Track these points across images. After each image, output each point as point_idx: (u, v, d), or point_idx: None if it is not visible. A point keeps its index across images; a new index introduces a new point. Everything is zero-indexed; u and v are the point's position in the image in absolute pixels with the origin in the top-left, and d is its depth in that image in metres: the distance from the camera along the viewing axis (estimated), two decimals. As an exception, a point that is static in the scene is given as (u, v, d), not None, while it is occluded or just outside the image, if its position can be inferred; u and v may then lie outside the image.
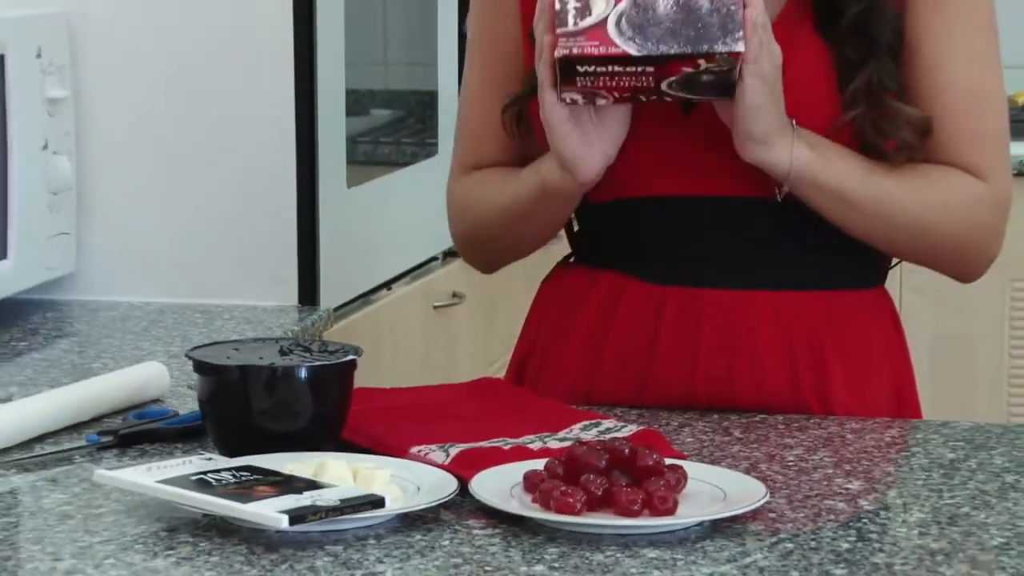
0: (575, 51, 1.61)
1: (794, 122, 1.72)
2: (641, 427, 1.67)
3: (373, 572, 1.33)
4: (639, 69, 1.62)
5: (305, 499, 1.38)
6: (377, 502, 1.39)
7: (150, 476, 1.45)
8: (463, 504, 1.46)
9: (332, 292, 2.39)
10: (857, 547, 1.41)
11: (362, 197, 2.51)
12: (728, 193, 1.80)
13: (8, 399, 1.79)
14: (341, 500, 1.39)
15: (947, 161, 1.82)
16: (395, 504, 1.42)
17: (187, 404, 1.69)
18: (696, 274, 1.82)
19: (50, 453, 1.65)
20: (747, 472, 1.55)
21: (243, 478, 1.45)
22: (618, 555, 1.36)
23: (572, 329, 1.85)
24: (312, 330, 2.23)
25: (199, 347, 1.65)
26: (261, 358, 1.61)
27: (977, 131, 1.83)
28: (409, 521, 1.43)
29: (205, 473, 1.45)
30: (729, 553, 1.38)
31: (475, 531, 1.42)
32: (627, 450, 1.47)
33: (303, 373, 1.59)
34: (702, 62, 1.61)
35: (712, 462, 1.58)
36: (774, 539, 1.41)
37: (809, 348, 1.83)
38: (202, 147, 2.38)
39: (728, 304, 1.82)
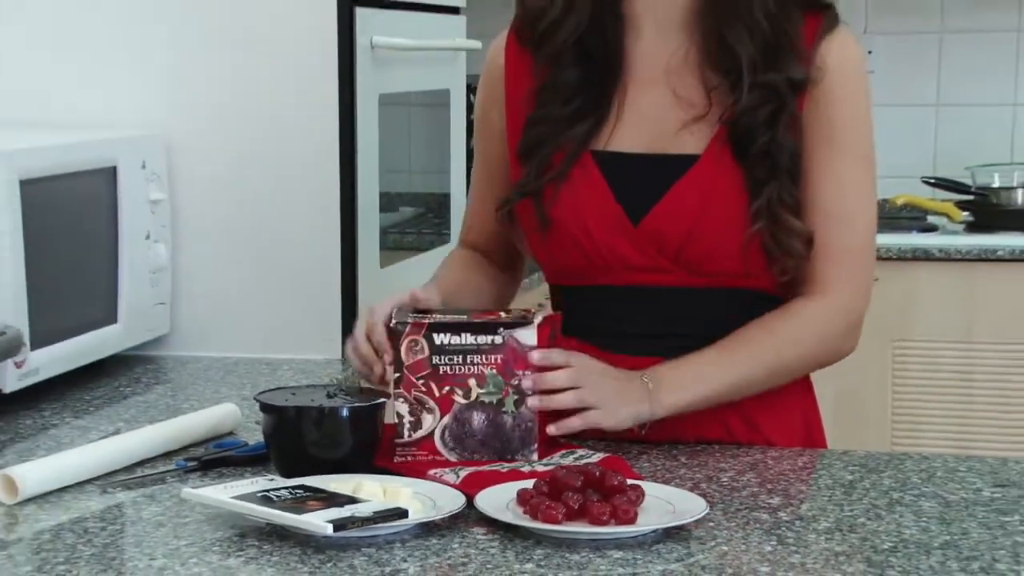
0: (410, 459, 1.63)
1: (642, 377, 1.70)
2: (607, 455, 1.66)
3: (399, 569, 1.34)
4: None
5: (346, 511, 1.39)
6: (402, 513, 1.40)
7: (225, 493, 1.46)
8: (469, 515, 1.46)
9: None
10: (777, 549, 1.41)
11: (391, 275, 2.51)
12: (676, 284, 1.76)
13: (116, 432, 1.79)
14: (374, 512, 1.40)
15: (814, 266, 1.77)
16: (416, 515, 1.43)
17: (255, 436, 1.70)
18: (645, 346, 1.79)
19: (148, 475, 1.65)
20: (691, 490, 1.55)
21: (297, 495, 1.45)
22: (591, 555, 1.37)
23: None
24: (351, 379, 2.21)
25: (264, 392, 1.66)
26: (312, 400, 1.62)
27: (837, 248, 1.77)
28: (427, 529, 1.43)
29: (268, 491, 1.46)
30: (677, 554, 1.38)
31: (479, 536, 1.43)
32: (597, 473, 1.48)
33: (344, 412, 1.61)
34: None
35: (663, 482, 1.58)
36: (713, 543, 1.42)
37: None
38: (266, 237, 2.38)
39: None
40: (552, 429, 1.65)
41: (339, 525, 1.37)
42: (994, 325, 3.84)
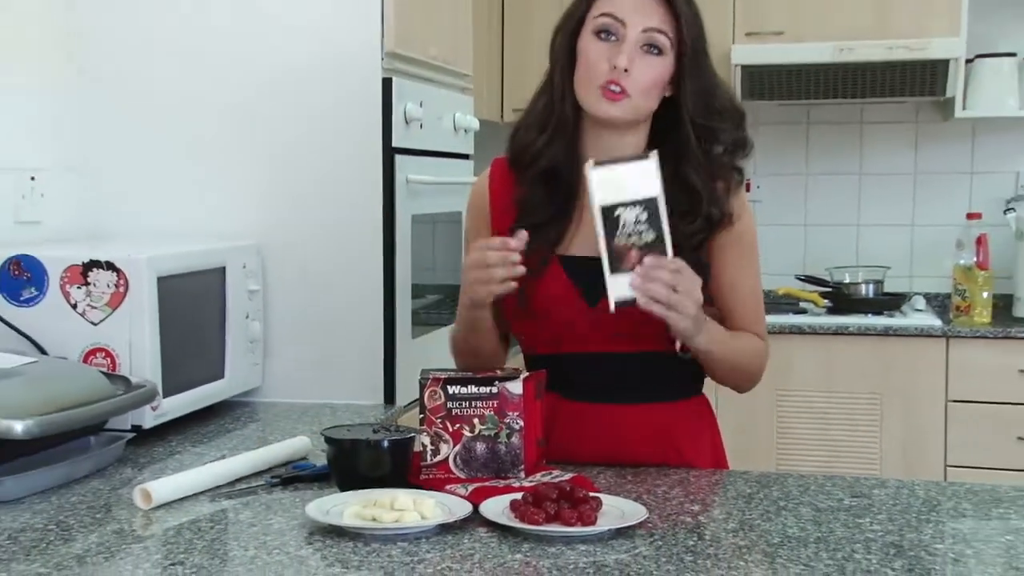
0: (431, 477, 1.61)
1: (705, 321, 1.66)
2: (575, 475, 1.65)
3: (424, 558, 1.33)
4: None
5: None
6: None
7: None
8: (475, 519, 1.45)
9: (403, 395, 2.37)
10: (698, 544, 1.40)
11: (420, 344, 2.50)
12: (622, 351, 1.74)
13: (222, 457, 1.78)
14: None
15: (743, 330, 1.79)
16: (436, 519, 1.42)
17: (321, 460, 1.68)
18: (601, 394, 1.78)
19: (244, 488, 1.64)
20: (635, 500, 1.53)
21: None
22: (563, 548, 1.36)
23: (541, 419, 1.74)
24: (391, 418, 2.22)
25: (328, 428, 1.64)
26: (363, 435, 1.60)
27: (756, 314, 1.81)
28: (444, 528, 1.42)
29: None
30: (626, 546, 1.38)
31: (482, 534, 1.41)
32: (568, 487, 1.46)
33: (385, 444, 1.59)
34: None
35: (615, 494, 1.56)
36: (651, 539, 1.40)
37: (669, 433, 1.80)
38: (329, 316, 2.37)
39: (623, 410, 1.78)
40: (642, 301, 1.57)
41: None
42: (847, 379, 3.84)
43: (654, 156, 1.60)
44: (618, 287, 1.59)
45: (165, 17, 2.40)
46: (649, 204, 1.59)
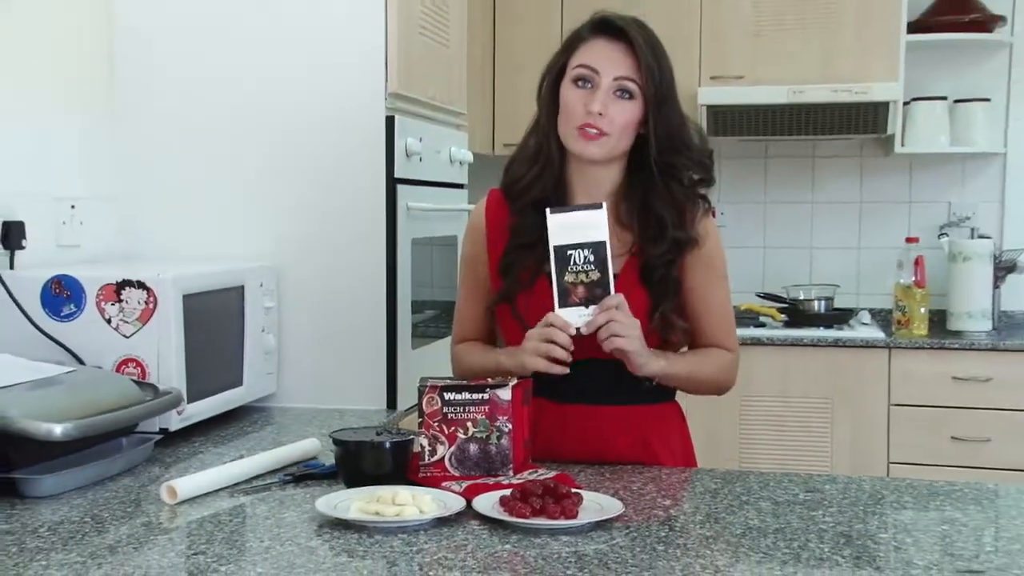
0: (429, 475, 1.60)
1: (654, 350, 1.70)
2: (558, 472, 1.64)
3: (423, 548, 1.32)
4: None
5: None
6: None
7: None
8: (468, 513, 1.44)
9: (403, 401, 2.36)
10: (670, 534, 1.39)
11: (419, 354, 2.49)
12: (604, 357, 1.71)
13: (240, 457, 1.77)
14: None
15: (715, 344, 1.80)
16: (434, 513, 1.41)
17: (330, 459, 1.67)
18: (582, 397, 1.77)
19: (260, 485, 1.63)
20: (613, 495, 1.53)
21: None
22: (547, 539, 1.35)
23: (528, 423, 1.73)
24: (393, 421, 2.21)
25: (336, 431, 1.64)
26: (367, 437, 1.60)
27: (725, 328, 1.81)
28: (441, 521, 1.41)
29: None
30: (604, 537, 1.37)
31: (474, 526, 1.41)
32: (552, 484, 1.46)
33: (388, 445, 1.58)
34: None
35: (594, 490, 1.55)
36: (627, 530, 1.40)
37: (642, 433, 1.79)
38: (339, 330, 2.36)
39: (601, 412, 1.78)
40: (607, 346, 1.65)
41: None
42: (801, 386, 3.83)
43: (604, 206, 1.67)
44: (566, 318, 1.66)
45: (195, 62, 2.40)
46: (597, 247, 1.65)
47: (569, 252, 1.65)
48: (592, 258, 1.65)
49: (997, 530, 1.49)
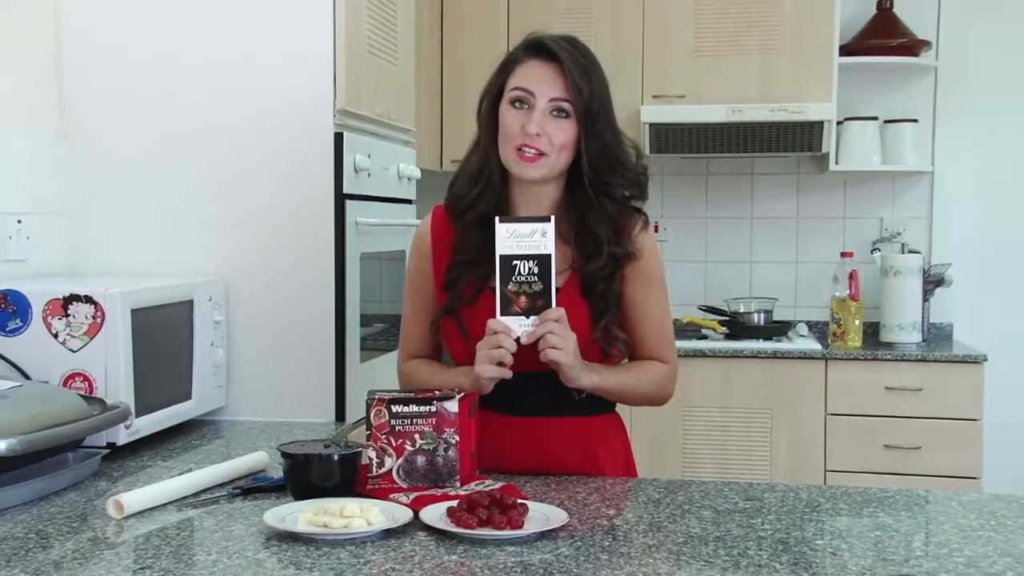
0: (377, 487, 1.59)
1: (587, 363, 1.70)
2: (505, 483, 1.64)
3: (370, 560, 1.31)
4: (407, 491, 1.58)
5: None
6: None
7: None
8: (416, 524, 1.43)
9: (352, 414, 2.34)
10: (613, 544, 1.40)
11: (367, 367, 2.47)
12: (545, 370, 1.71)
13: (189, 470, 1.74)
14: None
15: (652, 356, 1.81)
16: (382, 525, 1.40)
17: (278, 473, 1.65)
18: (525, 409, 1.78)
19: (208, 498, 1.61)
20: (558, 505, 1.53)
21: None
22: (493, 550, 1.35)
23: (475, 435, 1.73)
24: (341, 434, 2.20)
25: (284, 444, 1.62)
26: (315, 450, 1.58)
27: (662, 339, 1.82)
28: (389, 533, 1.40)
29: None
30: (549, 547, 1.37)
31: (421, 538, 1.40)
32: (498, 495, 1.46)
33: (336, 457, 1.57)
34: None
35: (540, 501, 1.56)
36: (571, 539, 1.40)
37: (585, 443, 1.80)
38: (287, 344, 2.34)
39: (545, 423, 1.78)
40: (543, 356, 1.65)
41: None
42: (742, 396, 3.87)
43: (553, 219, 1.67)
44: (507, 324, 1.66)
45: (144, 78, 2.37)
46: (542, 260, 1.66)
47: (515, 262, 1.66)
48: (536, 270, 1.65)
49: (927, 535, 1.51)
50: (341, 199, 2.35)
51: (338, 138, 2.34)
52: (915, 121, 4.17)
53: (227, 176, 2.36)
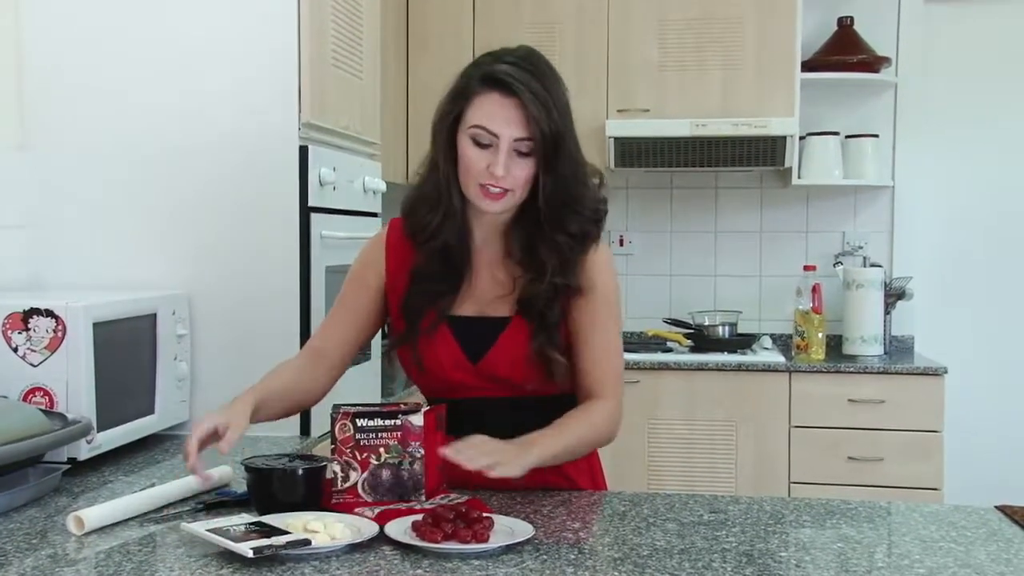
0: (342, 501, 1.58)
1: (518, 443, 1.60)
2: (470, 497, 1.64)
3: (335, 574, 1.30)
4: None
5: (267, 541, 1.34)
6: (305, 542, 1.35)
7: (203, 527, 1.41)
8: (381, 538, 1.42)
9: (316, 428, 2.33)
10: (579, 557, 1.40)
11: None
12: (501, 395, 1.72)
13: (152, 485, 1.71)
14: (287, 542, 1.34)
15: (594, 392, 1.73)
16: (347, 539, 1.39)
17: (242, 487, 1.64)
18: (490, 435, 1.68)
19: (171, 513, 1.60)
20: (524, 519, 1.53)
21: (248, 529, 1.40)
22: (459, 564, 1.35)
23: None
24: (306, 447, 2.18)
25: (248, 458, 1.61)
26: (279, 464, 1.57)
27: (606, 372, 1.75)
28: (354, 547, 1.39)
29: (229, 526, 1.41)
30: (515, 560, 1.37)
31: (387, 552, 1.39)
32: (463, 509, 1.45)
33: (300, 472, 1.56)
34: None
35: (505, 514, 1.55)
36: (537, 552, 1.40)
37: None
38: (251, 357, 2.30)
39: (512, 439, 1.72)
40: (492, 474, 1.53)
41: (258, 550, 1.31)
42: (706, 409, 3.90)
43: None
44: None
45: (105, 91, 2.36)
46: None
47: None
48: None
49: (889, 546, 1.53)
50: (306, 212, 2.34)
51: (303, 151, 2.33)
52: (876, 136, 4.23)
53: (191, 189, 2.34)
